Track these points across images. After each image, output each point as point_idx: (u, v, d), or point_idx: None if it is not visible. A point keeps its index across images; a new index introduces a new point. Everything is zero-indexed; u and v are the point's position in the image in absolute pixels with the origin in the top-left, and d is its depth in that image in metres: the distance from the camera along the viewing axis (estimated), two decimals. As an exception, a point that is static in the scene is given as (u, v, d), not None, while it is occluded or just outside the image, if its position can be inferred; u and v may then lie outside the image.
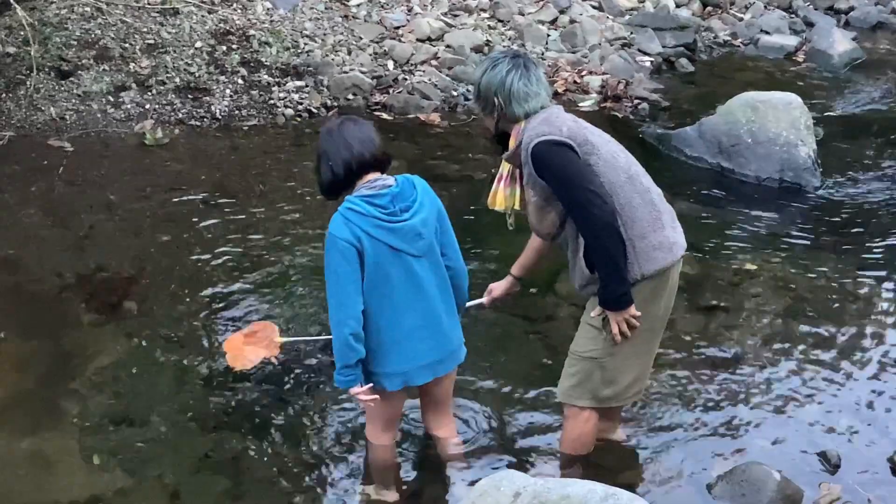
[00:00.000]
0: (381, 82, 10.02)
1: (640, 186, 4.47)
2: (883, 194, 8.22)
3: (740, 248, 7.32)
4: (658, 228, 4.47)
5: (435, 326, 4.44)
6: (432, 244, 4.39)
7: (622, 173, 4.43)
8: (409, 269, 4.32)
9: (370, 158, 4.33)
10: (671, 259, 4.50)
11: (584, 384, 4.66)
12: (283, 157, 8.71)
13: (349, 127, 4.38)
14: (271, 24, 10.53)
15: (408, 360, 4.42)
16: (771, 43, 11.99)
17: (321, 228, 7.35)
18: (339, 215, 4.28)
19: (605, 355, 4.57)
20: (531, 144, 4.39)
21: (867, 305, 6.63)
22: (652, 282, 4.48)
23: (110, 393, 5.60)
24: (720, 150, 8.58)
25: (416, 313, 4.38)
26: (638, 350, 4.61)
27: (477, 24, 11.26)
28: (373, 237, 4.23)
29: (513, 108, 4.49)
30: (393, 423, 4.80)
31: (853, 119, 9.96)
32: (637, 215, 4.41)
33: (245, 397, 5.58)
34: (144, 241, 7.22)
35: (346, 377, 4.37)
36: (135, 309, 6.41)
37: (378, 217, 4.24)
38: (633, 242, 4.40)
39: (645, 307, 4.49)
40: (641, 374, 4.75)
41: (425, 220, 4.34)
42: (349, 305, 4.27)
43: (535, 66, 4.55)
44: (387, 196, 4.27)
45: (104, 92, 9.29)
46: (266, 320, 6.03)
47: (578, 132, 4.41)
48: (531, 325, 6.23)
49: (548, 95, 4.56)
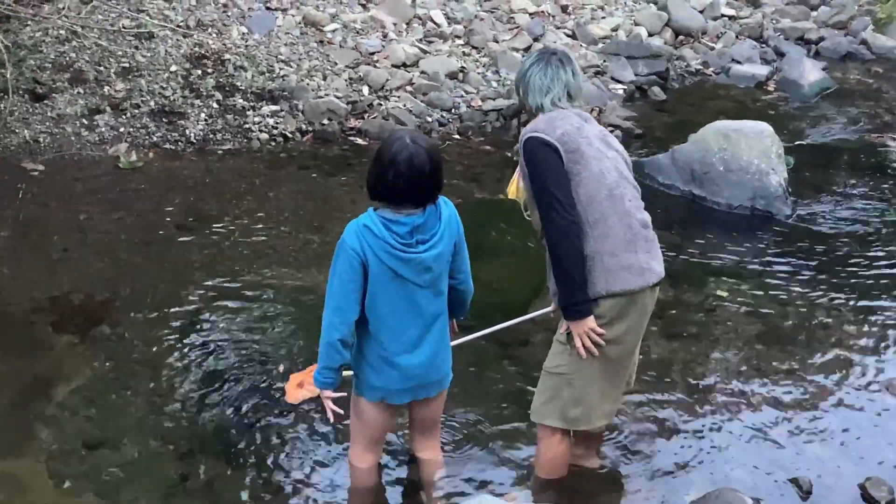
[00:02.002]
0: (357, 107, 10.05)
1: (621, 207, 4.49)
2: (853, 222, 8.31)
3: (712, 274, 7.37)
4: (631, 250, 4.50)
5: (422, 354, 4.41)
6: (440, 276, 4.36)
7: (605, 190, 4.46)
8: (410, 295, 4.30)
9: (407, 193, 4.18)
10: (641, 283, 4.52)
11: (553, 402, 4.68)
12: (257, 181, 8.71)
13: (407, 154, 4.15)
14: (246, 48, 10.54)
15: (389, 380, 4.42)
16: (742, 72, 12.12)
17: (296, 252, 7.40)
18: (355, 225, 4.24)
19: (571, 371, 4.60)
20: (524, 138, 4.51)
21: (838, 332, 6.68)
22: (618, 301, 4.50)
23: (83, 417, 5.56)
24: (692, 177, 8.64)
25: (407, 338, 4.36)
26: (604, 369, 4.61)
27: (452, 51, 11.32)
28: (380, 260, 4.20)
29: (528, 100, 4.66)
30: (375, 444, 4.75)
31: (824, 148, 10.06)
32: (611, 232, 4.45)
33: (219, 421, 5.55)
34: (118, 265, 7.20)
35: (325, 378, 4.40)
36: (108, 332, 6.37)
37: (390, 243, 4.19)
38: (601, 257, 4.44)
39: (610, 326, 4.52)
40: (609, 397, 4.74)
41: (439, 255, 4.30)
42: (345, 311, 4.28)
43: (560, 65, 4.62)
44: (407, 225, 4.21)
45: (78, 115, 9.27)
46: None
47: (573, 140, 4.45)
48: (506, 349, 6.24)
49: (567, 94, 4.62)
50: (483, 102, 10.44)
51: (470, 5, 12.45)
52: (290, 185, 8.69)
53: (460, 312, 4.70)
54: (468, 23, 12.03)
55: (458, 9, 12.32)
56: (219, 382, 5.88)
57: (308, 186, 8.68)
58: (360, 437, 4.71)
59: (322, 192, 8.58)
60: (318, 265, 7.20)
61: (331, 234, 7.62)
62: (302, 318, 6.53)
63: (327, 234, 7.68)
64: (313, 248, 7.54)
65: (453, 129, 10.01)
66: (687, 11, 13.25)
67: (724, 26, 13.44)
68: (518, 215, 5.04)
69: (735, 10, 13.93)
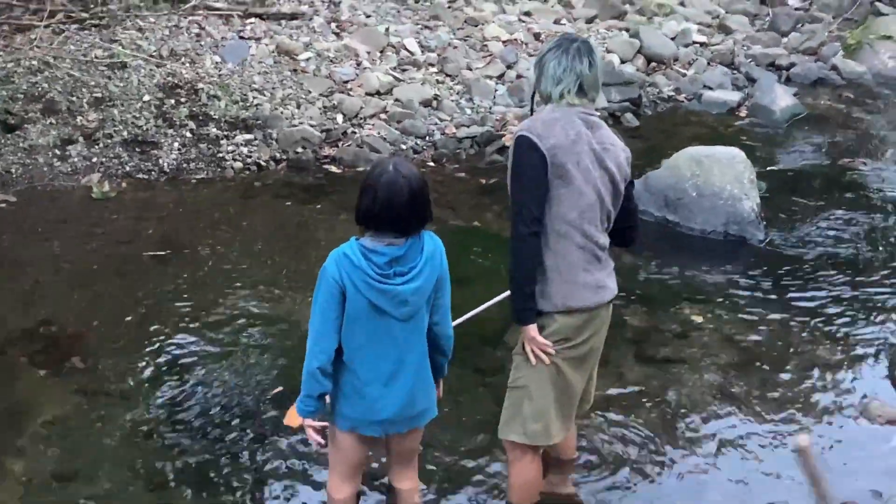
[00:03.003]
0: (331, 135, 10.05)
1: (587, 230, 4.53)
2: (826, 246, 8.35)
3: (686, 299, 7.39)
4: (588, 270, 4.57)
5: (396, 389, 4.36)
6: (419, 310, 4.32)
7: (576, 211, 4.48)
8: (387, 327, 4.27)
9: (389, 221, 4.18)
10: (596, 300, 4.61)
11: (515, 417, 4.73)
12: (231, 210, 8.70)
13: (391, 180, 4.16)
14: (220, 77, 10.54)
15: (359, 411, 4.39)
16: (714, 98, 12.19)
17: (269, 281, 7.38)
18: (335, 254, 4.23)
19: (530, 383, 4.66)
20: (518, 133, 4.49)
21: (812, 356, 6.70)
22: (575, 318, 4.58)
23: (55, 449, 5.52)
24: (666, 203, 8.68)
25: (381, 371, 4.33)
26: (561, 383, 4.67)
27: (426, 79, 11.36)
28: (358, 289, 4.19)
29: (540, 85, 4.61)
30: (352, 473, 4.70)
31: (795, 173, 10.12)
32: (572, 251, 4.52)
33: (193, 452, 5.52)
34: (91, 295, 7.16)
35: (305, 406, 4.37)
36: (81, 364, 6.33)
37: (367, 273, 4.17)
38: (560, 273, 4.52)
39: (566, 341, 4.59)
40: (566, 413, 4.79)
41: (418, 289, 4.26)
42: (325, 339, 4.26)
43: (577, 55, 4.52)
44: (386, 256, 4.19)
45: (51, 145, 9.24)
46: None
47: (564, 154, 4.43)
48: (482, 376, 6.24)
49: (578, 87, 4.53)
50: (457, 130, 10.47)
51: (443, 33, 12.51)
52: (264, 213, 8.68)
53: (439, 358, 4.57)
54: (442, 51, 12.09)
55: (431, 37, 12.37)
56: (193, 413, 5.86)
57: (282, 215, 8.66)
58: (336, 466, 4.68)
59: (296, 221, 8.57)
60: (293, 293, 7.19)
61: (305, 263, 7.62)
62: (276, 346, 6.51)
63: (301, 263, 7.67)
64: (287, 276, 7.52)
65: (428, 156, 10.03)
66: (659, 39, 13.34)
67: (696, 53, 13.54)
68: (492, 242, 5.05)
69: (706, 37, 14.03)
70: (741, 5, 15.46)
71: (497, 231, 7.95)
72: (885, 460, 5.66)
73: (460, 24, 13.07)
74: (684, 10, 14.92)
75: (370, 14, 12.76)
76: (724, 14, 15.07)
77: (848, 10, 15.32)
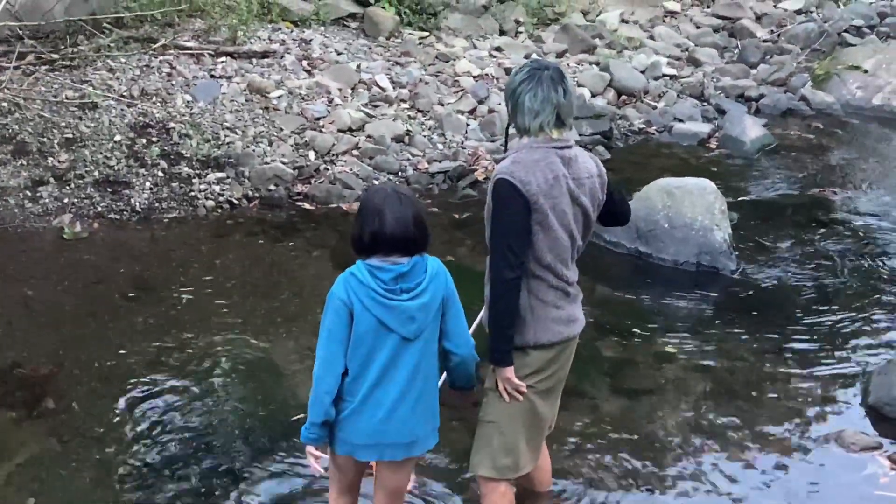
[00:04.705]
0: (303, 172, 10.06)
1: (559, 270, 4.57)
2: (797, 276, 8.40)
3: (660, 330, 7.41)
4: (560, 306, 4.62)
5: (395, 413, 4.34)
6: (427, 330, 4.34)
7: (551, 254, 4.51)
8: (393, 348, 4.28)
9: (395, 240, 4.25)
10: (568, 333, 4.66)
11: (485, 451, 4.73)
12: (204, 249, 8.67)
13: (392, 201, 4.29)
14: (191, 116, 10.54)
15: (355, 434, 4.35)
16: (684, 130, 12.27)
17: (242, 320, 7.35)
18: (342, 277, 4.27)
19: (499, 418, 4.67)
20: (496, 177, 4.46)
21: (786, 386, 6.73)
22: (546, 351, 4.62)
23: (28, 492, 5.46)
24: (638, 235, 8.72)
25: (383, 393, 4.31)
26: (531, 416, 4.69)
27: (397, 115, 11.39)
28: (365, 307, 4.21)
29: (516, 119, 4.56)
30: (350, 490, 4.67)
31: (766, 203, 10.18)
32: (546, 289, 4.56)
33: (165, 492, 5.48)
34: (63, 337, 7.11)
35: (309, 433, 4.34)
36: (53, 405, 6.29)
37: (375, 290, 4.21)
38: (534, 310, 4.56)
39: (537, 374, 4.63)
40: (535, 444, 4.81)
41: (424, 306, 4.30)
42: (332, 364, 4.26)
43: (552, 84, 4.48)
44: (391, 272, 4.24)
45: (22, 187, 9.20)
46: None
47: (544, 197, 4.42)
48: (457, 412, 6.21)
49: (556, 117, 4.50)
50: (429, 165, 10.50)
51: (415, 69, 12.56)
52: (237, 251, 8.66)
53: (464, 381, 4.59)
54: (413, 86, 12.13)
55: (402, 73, 12.41)
56: (166, 454, 5.82)
57: (255, 253, 8.65)
58: (334, 482, 4.66)
59: (269, 258, 8.55)
60: (266, 331, 7.17)
61: (278, 300, 7.61)
62: (251, 384, 6.48)
63: (275, 300, 7.66)
64: (261, 314, 7.50)
65: (400, 192, 10.02)
66: (628, 72, 13.43)
67: (666, 85, 13.63)
68: (466, 276, 5.06)
69: (676, 70, 14.14)
70: (710, 38, 15.60)
71: (471, 265, 7.95)
72: (859, 488, 5.69)
73: (431, 60, 13.12)
74: (653, 43, 15.04)
75: (341, 51, 12.78)
76: (694, 47, 15.19)
77: (816, 42, 15.48)
